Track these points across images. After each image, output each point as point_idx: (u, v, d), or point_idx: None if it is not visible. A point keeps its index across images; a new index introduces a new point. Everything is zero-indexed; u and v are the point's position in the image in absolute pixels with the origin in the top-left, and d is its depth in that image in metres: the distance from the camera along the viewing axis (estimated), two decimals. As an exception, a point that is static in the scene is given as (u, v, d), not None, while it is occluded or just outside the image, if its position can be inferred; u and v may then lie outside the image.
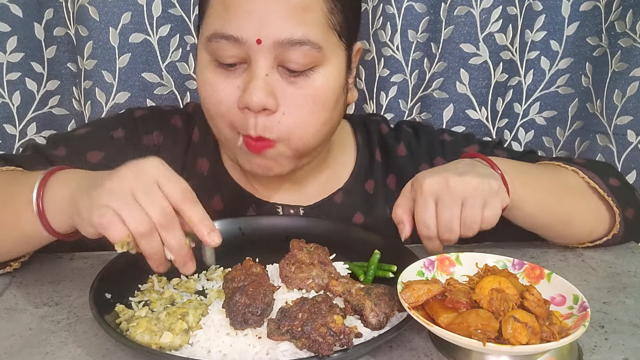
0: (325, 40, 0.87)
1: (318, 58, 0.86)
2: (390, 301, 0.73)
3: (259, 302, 0.70)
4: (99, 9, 1.26)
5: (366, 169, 1.09)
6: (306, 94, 0.88)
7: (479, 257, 0.79)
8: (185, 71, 1.37)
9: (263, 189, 1.05)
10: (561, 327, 0.66)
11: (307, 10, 0.84)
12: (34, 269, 0.92)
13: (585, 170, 0.98)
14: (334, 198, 1.06)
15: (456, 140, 1.11)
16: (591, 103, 1.37)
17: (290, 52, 0.84)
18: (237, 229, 0.98)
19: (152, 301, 0.80)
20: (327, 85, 0.89)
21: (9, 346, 0.72)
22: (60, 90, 1.38)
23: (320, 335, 0.64)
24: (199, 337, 0.71)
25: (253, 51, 0.84)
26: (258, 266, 0.80)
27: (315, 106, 0.89)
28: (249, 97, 0.85)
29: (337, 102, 0.93)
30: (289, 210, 1.05)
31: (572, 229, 0.98)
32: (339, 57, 0.91)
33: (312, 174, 1.05)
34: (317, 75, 0.88)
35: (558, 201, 0.94)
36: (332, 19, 0.87)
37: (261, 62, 0.85)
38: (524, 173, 0.93)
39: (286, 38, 0.83)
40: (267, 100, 0.85)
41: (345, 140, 1.10)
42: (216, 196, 1.05)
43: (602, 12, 1.32)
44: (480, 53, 1.34)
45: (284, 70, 0.87)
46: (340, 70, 0.92)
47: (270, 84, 0.86)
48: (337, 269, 0.84)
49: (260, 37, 0.83)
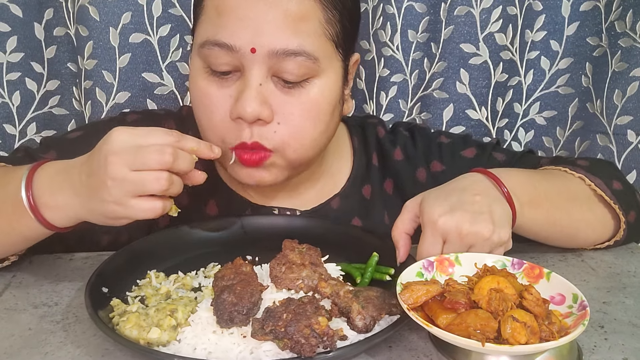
0: (322, 51, 0.86)
1: (314, 69, 0.85)
2: (379, 304, 0.73)
3: (245, 301, 0.71)
4: (99, 9, 1.26)
5: (363, 174, 1.08)
6: (302, 104, 0.87)
7: (478, 257, 0.79)
8: (186, 71, 1.37)
9: (258, 195, 1.04)
10: (560, 326, 0.66)
11: (303, 20, 0.83)
12: (33, 269, 0.93)
13: (592, 176, 0.95)
14: (330, 203, 1.05)
15: (453, 143, 1.10)
16: (591, 103, 1.37)
17: (285, 62, 0.83)
18: (239, 227, 0.98)
19: (147, 296, 0.81)
20: (323, 97, 0.88)
21: (8, 346, 0.73)
22: (60, 90, 1.38)
23: (303, 337, 0.64)
24: (186, 334, 0.71)
25: (247, 60, 0.83)
26: (248, 265, 0.81)
27: (311, 117, 0.88)
28: (241, 107, 0.84)
29: (332, 113, 0.92)
30: (285, 214, 1.04)
31: (579, 240, 0.98)
32: (335, 68, 0.90)
33: (308, 180, 1.04)
34: (313, 86, 0.87)
35: (566, 214, 0.93)
36: (328, 29, 0.86)
37: (255, 71, 0.84)
38: (533, 188, 0.90)
39: (281, 48, 0.82)
40: (261, 110, 0.84)
41: (342, 145, 1.09)
42: (211, 200, 1.05)
43: (602, 12, 1.32)
44: (480, 53, 1.34)
45: (278, 80, 0.86)
46: (336, 81, 0.90)
47: (264, 93, 0.85)
48: (329, 270, 0.84)
49: (255, 46, 0.82)
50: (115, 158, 0.73)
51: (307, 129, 0.89)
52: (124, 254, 0.88)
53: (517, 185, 0.87)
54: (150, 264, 0.88)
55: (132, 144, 0.74)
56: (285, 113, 0.86)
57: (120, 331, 0.71)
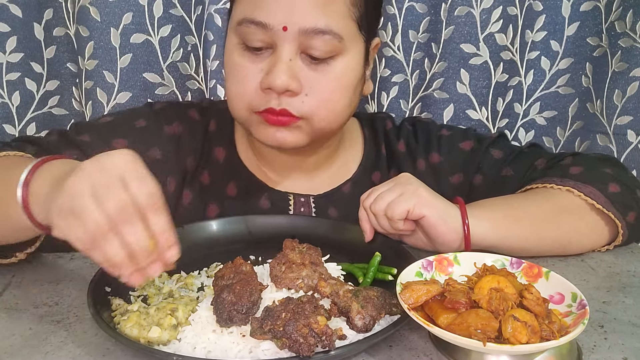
0: (346, 31, 0.92)
1: (339, 47, 0.91)
2: (379, 304, 0.73)
3: (244, 301, 0.71)
4: (100, 10, 1.27)
5: (372, 162, 1.13)
6: (327, 79, 0.93)
7: (477, 256, 0.79)
8: (187, 71, 1.37)
9: (276, 176, 1.09)
10: (560, 325, 0.66)
11: (331, 2, 0.90)
12: (34, 268, 0.93)
13: (582, 185, 0.96)
14: (342, 188, 1.10)
15: (453, 135, 1.14)
16: (591, 103, 1.37)
17: (314, 40, 0.89)
18: (244, 227, 0.98)
19: (149, 296, 0.81)
20: (347, 73, 0.94)
21: (8, 346, 0.72)
22: (60, 91, 1.38)
23: (302, 336, 0.64)
24: (186, 333, 0.72)
25: (279, 37, 0.90)
26: (247, 265, 0.81)
27: (336, 90, 0.94)
28: (272, 78, 0.90)
29: (355, 89, 0.98)
30: (299, 199, 1.08)
31: (572, 249, 0.98)
32: (359, 48, 0.96)
33: (323, 165, 1.09)
34: (338, 63, 0.93)
35: (554, 226, 0.94)
36: (353, 11, 0.92)
37: (286, 47, 0.90)
38: (509, 206, 0.95)
39: (310, 27, 0.89)
40: (290, 82, 0.90)
41: (355, 134, 1.15)
42: (231, 182, 1.09)
43: (602, 12, 1.32)
44: (480, 53, 1.34)
45: (306, 57, 0.92)
46: (358, 60, 0.96)
47: (293, 68, 0.91)
48: (330, 270, 0.84)
49: (287, 24, 0.88)
50: (93, 167, 0.65)
51: (333, 101, 0.95)
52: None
53: (487, 204, 0.95)
54: None
55: (119, 173, 0.64)
56: (312, 86, 0.92)
57: (121, 330, 0.71)
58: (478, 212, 0.91)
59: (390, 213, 0.88)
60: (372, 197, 0.91)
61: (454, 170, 1.11)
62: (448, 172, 1.11)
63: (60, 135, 1.02)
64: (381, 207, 0.89)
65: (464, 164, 1.11)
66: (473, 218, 0.89)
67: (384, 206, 0.89)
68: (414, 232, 0.93)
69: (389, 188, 0.91)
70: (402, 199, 0.88)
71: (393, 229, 0.90)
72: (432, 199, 0.89)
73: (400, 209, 0.87)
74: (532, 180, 1.02)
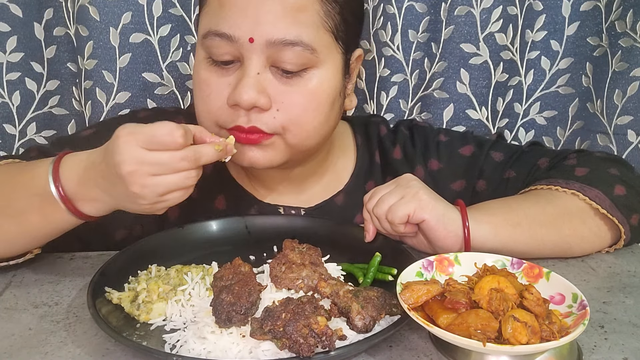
0: (320, 42, 0.87)
1: (312, 59, 0.87)
2: (379, 304, 0.73)
3: (243, 301, 0.71)
4: (99, 9, 1.26)
5: (366, 171, 1.09)
6: (301, 94, 0.88)
7: (478, 257, 0.79)
8: (186, 71, 1.37)
9: (265, 190, 1.06)
10: (561, 325, 0.66)
11: (301, 10, 0.84)
12: (34, 269, 0.93)
13: (588, 188, 0.94)
14: (335, 200, 1.06)
15: (452, 141, 1.11)
16: (591, 103, 1.37)
17: (283, 52, 0.85)
18: (244, 227, 0.98)
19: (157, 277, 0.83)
20: (322, 87, 0.89)
21: (8, 346, 0.73)
22: (60, 90, 1.38)
23: (302, 336, 0.64)
24: (185, 334, 0.72)
25: (245, 49, 0.85)
26: (246, 265, 0.81)
27: (310, 105, 0.89)
28: (238, 94, 0.85)
29: (332, 105, 0.92)
30: (290, 212, 1.05)
31: (574, 253, 0.97)
32: (335, 61, 0.91)
33: (313, 176, 1.05)
34: (311, 76, 0.88)
35: (555, 231, 0.93)
36: (327, 21, 0.87)
37: (253, 60, 0.86)
38: (510, 209, 0.93)
39: (279, 38, 0.84)
40: (258, 98, 0.85)
41: (346, 142, 1.10)
42: (219, 195, 1.06)
43: (602, 12, 1.32)
44: (480, 53, 1.34)
45: (277, 70, 0.87)
46: (335, 73, 0.91)
47: (261, 82, 0.86)
48: (330, 270, 0.84)
49: (253, 35, 0.84)
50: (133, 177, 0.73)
51: (307, 118, 0.90)
52: (127, 253, 0.89)
53: (489, 207, 0.93)
54: (153, 263, 0.88)
55: (142, 153, 0.74)
56: (284, 101, 0.88)
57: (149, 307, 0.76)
58: (479, 215, 0.90)
59: (391, 217, 0.87)
60: (374, 199, 0.91)
61: (455, 177, 1.09)
62: (448, 178, 1.09)
63: (40, 152, 1.00)
64: (383, 210, 0.88)
65: (466, 170, 1.09)
66: (474, 221, 0.88)
67: (385, 209, 0.88)
68: (416, 234, 0.93)
69: (390, 190, 0.90)
70: (403, 203, 0.87)
71: (395, 232, 0.90)
72: (433, 202, 0.88)
73: (400, 214, 0.86)
74: (536, 180, 1.01)
